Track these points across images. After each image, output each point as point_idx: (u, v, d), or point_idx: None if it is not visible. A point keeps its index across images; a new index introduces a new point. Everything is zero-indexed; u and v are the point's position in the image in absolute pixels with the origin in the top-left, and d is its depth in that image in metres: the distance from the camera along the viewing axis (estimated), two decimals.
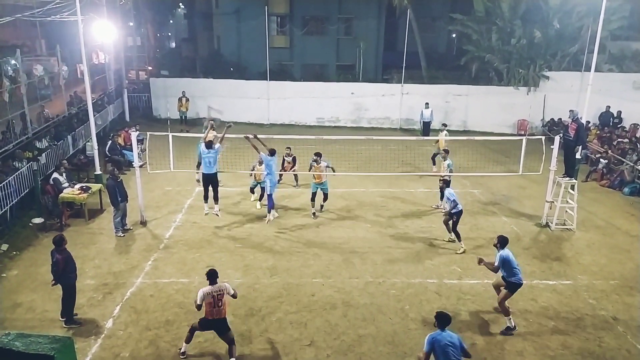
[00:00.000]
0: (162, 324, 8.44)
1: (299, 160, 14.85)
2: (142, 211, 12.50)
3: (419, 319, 8.73)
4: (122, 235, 11.73)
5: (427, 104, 21.78)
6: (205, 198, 12.26)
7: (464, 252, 11.04)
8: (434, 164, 16.51)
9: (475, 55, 24.45)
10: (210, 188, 12.12)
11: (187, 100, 22.84)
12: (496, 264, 8.24)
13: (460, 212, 11.06)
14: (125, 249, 11.11)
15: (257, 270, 10.26)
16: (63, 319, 8.41)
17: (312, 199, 13.05)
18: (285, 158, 14.82)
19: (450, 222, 11.22)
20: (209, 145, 11.83)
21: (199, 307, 7.25)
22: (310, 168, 13.06)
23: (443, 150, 14.33)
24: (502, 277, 8.34)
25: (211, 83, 24.86)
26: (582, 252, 11.46)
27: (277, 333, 8.26)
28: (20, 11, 18.92)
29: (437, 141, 16.49)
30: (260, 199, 13.44)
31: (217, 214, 12.35)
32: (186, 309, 8.82)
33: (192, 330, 7.57)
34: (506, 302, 8.34)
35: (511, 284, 8.24)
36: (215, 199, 12.27)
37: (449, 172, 13.34)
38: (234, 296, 7.51)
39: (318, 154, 12.82)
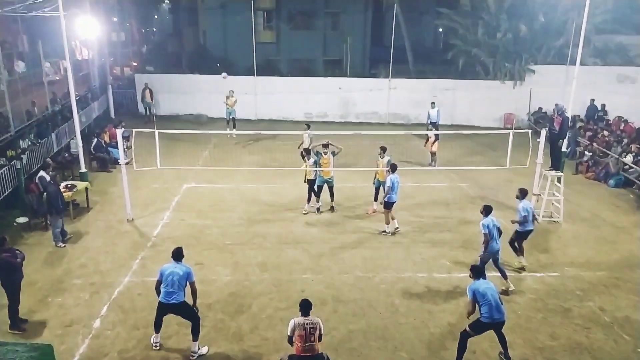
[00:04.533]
0: (150, 322, 8.28)
1: (289, 156, 14.69)
2: (129, 209, 12.36)
3: (409, 313, 8.74)
4: (63, 245, 10.99)
5: (433, 103, 20.45)
6: None
7: (522, 268, 10.22)
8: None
9: (462, 50, 24.53)
10: None
11: (151, 91, 22.53)
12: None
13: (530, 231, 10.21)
14: (112, 248, 10.96)
15: (247, 267, 10.20)
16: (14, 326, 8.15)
17: (317, 194, 12.90)
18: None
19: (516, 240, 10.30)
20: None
21: (289, 339, 6.51)
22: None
23: (304, 149, 13.05)
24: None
25: (197, 78, 24.63)
26: (569, 244, 11.58)
27: (268, 330, 8.22)
28: (1, 6, 18.50)
29: (302, 142, 14.79)
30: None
31: None
32: None
33: None
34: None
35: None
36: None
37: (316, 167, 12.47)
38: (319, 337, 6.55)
39: (326, 145, 12.66)
